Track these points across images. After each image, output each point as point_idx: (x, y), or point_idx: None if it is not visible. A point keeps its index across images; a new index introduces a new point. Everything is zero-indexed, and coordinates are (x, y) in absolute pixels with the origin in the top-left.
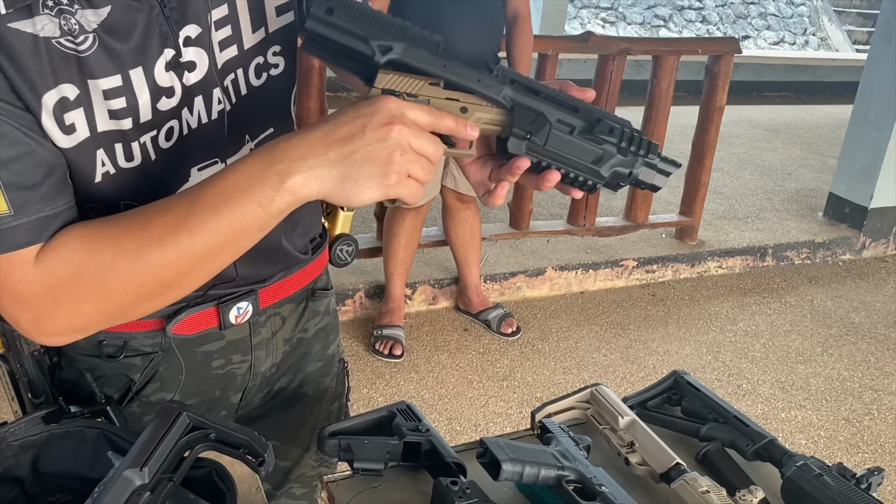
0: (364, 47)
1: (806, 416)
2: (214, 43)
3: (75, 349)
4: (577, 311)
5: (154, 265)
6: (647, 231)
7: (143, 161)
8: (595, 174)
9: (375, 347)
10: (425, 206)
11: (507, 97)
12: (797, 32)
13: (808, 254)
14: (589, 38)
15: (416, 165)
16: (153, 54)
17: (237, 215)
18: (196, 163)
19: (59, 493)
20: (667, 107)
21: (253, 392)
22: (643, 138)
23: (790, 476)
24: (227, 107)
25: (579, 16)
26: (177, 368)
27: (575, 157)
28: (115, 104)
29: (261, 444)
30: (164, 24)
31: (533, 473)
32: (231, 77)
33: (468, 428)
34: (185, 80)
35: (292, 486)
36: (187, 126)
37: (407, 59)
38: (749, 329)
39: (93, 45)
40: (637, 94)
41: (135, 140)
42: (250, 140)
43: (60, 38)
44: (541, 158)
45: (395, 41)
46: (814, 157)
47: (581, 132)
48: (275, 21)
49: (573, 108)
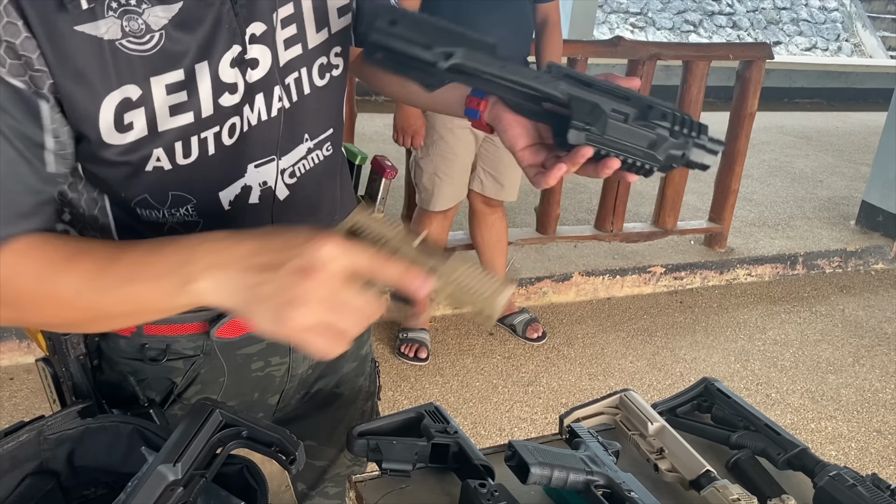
0: (427, 54)
1: (836, 427)
2: (279, 41)
3: (118, 352)
4: (603, 317)
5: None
6: (676, 237)
7: (201, 156)
8: (651, 158)
9: (401, 350)
10: (452, 209)
11: (564, 91)
12: (830, 38)
13: (840, 262)
14: (619, 42)
15: (337, 317)
16: (220, 49)
17: (141, 295)
18: (253, 159)
19: (93, 487)
20: (697, 112)
21: (290, 394)
22: (693, 121)
23: (823, 486)
24: (286, 105)
25: (608, 21)
26: (218, 371)
27: (632, 143)
28: (176, 98)
29: (292, 443)
30: (233, 20)
31: (561, 477)
32: (294, 76)
33: (493, 432)
34: (248, 77)
35: (327, 485)
36: (247, 123)
37: (468, 62)
38: (778, 338)
39: (158, 42)
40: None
41: (195, 135)
42: (309, 139)
43: (122, 40)
44: (600, 147)
45: (455, 47)
46: (846, 165)
47: (635, 119)
48: (336, 22)
49: (625, 98)
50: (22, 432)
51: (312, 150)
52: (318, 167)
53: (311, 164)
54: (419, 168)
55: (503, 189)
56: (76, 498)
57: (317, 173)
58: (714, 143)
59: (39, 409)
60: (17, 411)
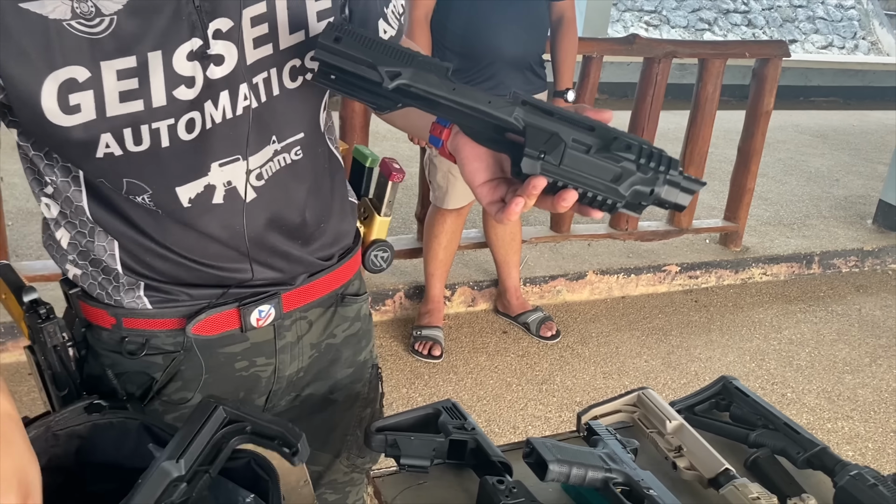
0: (373, 74)
1: (853, 428)
2: (246, 39)
3: (100, 344)
4: (618, 315)
5: None
6: (691, 236)
7: (153, 146)
8: (614, 193)
9: (415, 348)
10: (466, 207)
11: (519, 118)
12: (846, 36)
13: (856, 262)
14: (634, 40)
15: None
16: (176, 41)
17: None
18: (217, 158)
19: (102, 482)
20: (712, 111)
21: (279, 395)
22: (662, 154)
23: (843, 486)
24: (253, 104)
25: (622, 19)
26: (198, 368)
27: (592, 175)
28: (126, 85)
29: (294, 434)
30: (193, 12)
31: (580, 475)
32: (263, 75)
33: (507, 430)
34: (209, 72)
35: (324, 491)
36: (211, 120)
37: (416, 83)
38: (794, 337)
39: (109, 26)
40: (680, 98)
41: (145, 124)
42: (277, 142)
43: (71, 21)
44: (556, 178)
45: (403, 67)
46: (863, 164)
47: (598, 150)
48: (316, 26)
49: (589, 128)
50: (30, 429)
51: (279, 152)
52: (284, 170)
53: (277, 166)
54: (433, 166)
55: None
56: (85, 493)
57: (283, 177)
58: (689, 182)
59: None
60: (35, 405)
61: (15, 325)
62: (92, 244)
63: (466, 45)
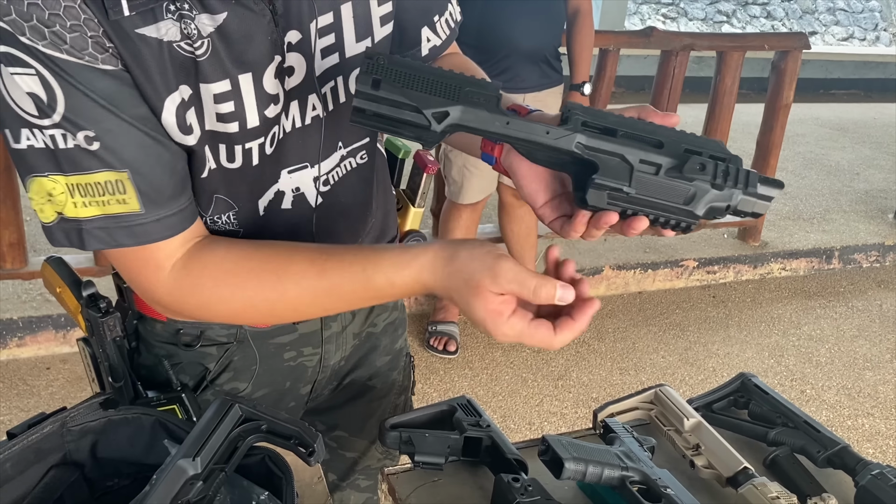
0: (419, 118)
1: (874, 425)
2: (316, 50)
3: (154, 336)
4: (634, 311)
5: (292, 299)
6: (709, 231)
7: (244, 164)
8: (688, 215)
9: (430, 343)
10: (481, 202)
11: (581, 145)
12: (868, 28)
13: (878, 257)
14: (651, 33)
15: (528, 341)
16: (264, 61)
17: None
18: (287, 165)
19: (116, 478)
20: (731, 104)
21: (322, 384)
22: (739, 170)
23: (865, 485)
24: (321, 113)
25: (639, 11)
26: (251, 359)
27: (664, 199)
28: (223, 108)
29: (310, 435)
30: (274, 31)
31: (596, 473)
32: (331, 84)
33: (522, 426)
34: (286, 85)
35: (357, 477)
36: (283, 130)
37: (465, 122)
38: (814, 333)
39: (207, 49)
40: (698, 91)
41: (239, 144)
42: (343, 147)
43: (181, 42)
44: (626, 207)
45: (450, 104)
46: (884, 157)
47: (669, 170)
48: (379, 31)
49: (657, 145)
50: (45, 424)
51: (346, 157)
52: (350, 174)
53: (343, 171)
54: (448, 161)
55: None
56: (100, 489)
57: (350, 181)
58: (768, 187)
59: (76, 398)
60: (53, 400)
61: (33, 320)
62: None
63: (482, 39)
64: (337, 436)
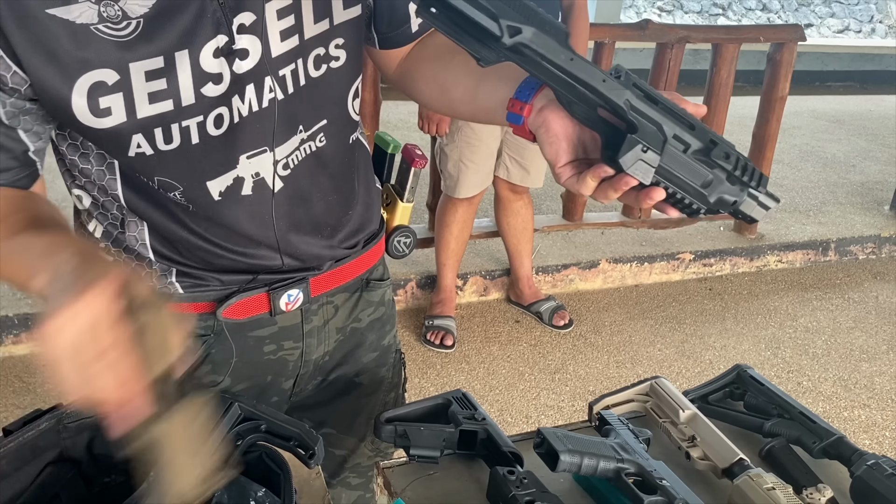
0: (493, 25)
1: (870, 416)
2: (271, 32)
3: None
4: (631, 304)
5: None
6: (705, 224)
7: (183, 144)
8: (701, 198)
9: (427, 337)
10: (478, 196)
11: (628, 102)
12: (863, 20)
13: (874, 248)
14: (647, 25)
15: None
16: (202, 39)
17: None
18: (245, 150)
19: (112, 474)
20: (727, 97)
21: (306, 379)
22: (755, 169)
23: (860, 475)
24: (278, 96)
25: (635, 4)
26: (228, 352)
27: (685, 177)
28: (155, 86)
29: (311, 437)
30: (217, 10)
31: (592, 465)
32: (291, 67)
33: (519, 420)
34: (235, 67)
35: (348, 475)
36: (238, 114)
37: (535, 45)
38: (810, 325)
39: (136, 29)
40: (694, 84)
41: (175, 122)
42: (303, 130)
43: (98, 25)
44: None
45: (525, 23)
46: (880, 149)
47: (695, 151)
48: (341, 14)
49: (689, 126)
50: (41, 421)
51: (305, 140)
52: (309, 158)
53: (303, 154)
54: (444, 155)
55: (529, 175)
56: (96, 486)
57: (309, 165)
58: (768, 198)
59: None
60: (49, 397)
61: (29, 317)
62: (124, 235)
63: None
64: (325, 433)
